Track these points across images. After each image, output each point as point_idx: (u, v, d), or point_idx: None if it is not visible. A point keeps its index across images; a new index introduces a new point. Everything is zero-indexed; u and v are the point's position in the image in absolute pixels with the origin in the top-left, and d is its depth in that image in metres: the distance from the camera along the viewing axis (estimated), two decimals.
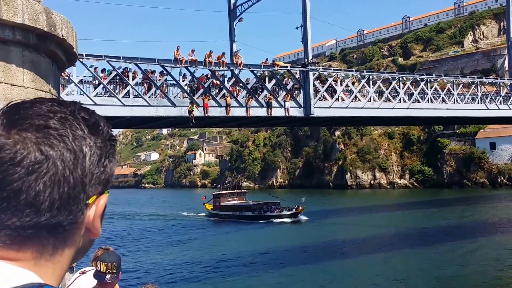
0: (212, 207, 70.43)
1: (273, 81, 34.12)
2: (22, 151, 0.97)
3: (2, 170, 0.97)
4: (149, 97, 30.38)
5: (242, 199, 71.42)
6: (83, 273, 5.58)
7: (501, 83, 45.95)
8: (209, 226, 60.45)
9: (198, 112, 30.74)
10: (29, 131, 1.00)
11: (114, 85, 29.40)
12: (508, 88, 46.40)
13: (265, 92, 33.59)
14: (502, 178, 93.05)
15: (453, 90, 42.49)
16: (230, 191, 75.05)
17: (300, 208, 59.48)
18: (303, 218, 59.10)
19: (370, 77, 38.59)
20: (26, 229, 0.99)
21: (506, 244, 37.01)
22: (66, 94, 26.39)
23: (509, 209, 57.95)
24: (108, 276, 4.90)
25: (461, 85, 43.47)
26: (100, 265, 4.90)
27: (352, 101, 37.13)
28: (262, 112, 33.48)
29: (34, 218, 0.98)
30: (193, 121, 30.76)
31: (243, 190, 79.51)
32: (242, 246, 41.97)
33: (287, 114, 34.14)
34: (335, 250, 38.43)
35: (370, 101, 38.11)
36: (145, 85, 30.69)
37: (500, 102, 44.56)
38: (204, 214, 71.60)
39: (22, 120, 1.01)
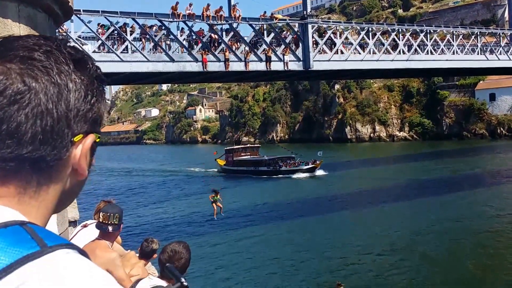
0: (224, 163, 68.75)
1: (272, 35, 33.87)
2: (5, 81, 0.97)
3: None
4: (148, 52, 30.30)
5: (255, 154, 69.36)
6: (85, 226, 5.70)
7: (501, 34, 45.54)
8: (222, 181, 59.07)
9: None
10: (13, 62, 0.99)
11: (112, 41, 29.29)
12: (508, 39, 46.00)
13: (263, 46, 33.42)
14: (501, 129, 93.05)
15: (453, 41, 42.23)
16: (243, 146, 72.76)
17: (317, 162, 58.01)
18: (320, 172, 57.69)
19: (370, 29, 38.33)
20: (8, 161, 0.98)
21: (506, 195, 37.49)
22: None
23: (508, 160, 58.37)
24: (110, 228, 4.93)
25: (460, 36, 43.13)
26: (102, 216, 4.91)
27: (351, 53, 36.95)
28: (261, 66, 33.39)
29: (16, 149, 0.97)
30: None
31: (256, 145, 77.04)
32: (256, 200, 41.74)
33: (286, 68, 34.04)
34: (353, 203, 38.41)
35: (370, 53, 37.95)
36: (143, 40, 30.58)
37: (500, 52, 44.32)
38: (216, 169, 70.13)
39: (7, 51, 1.01)
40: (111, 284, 0.95)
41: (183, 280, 2.94)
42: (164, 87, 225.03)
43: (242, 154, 68.63)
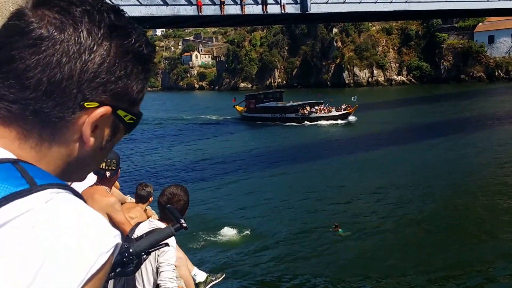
0: (244, 109, 65.10)
1: None
2: (35, 25, 0.96)
3: (11, 35, 0.97)
4: None
5: (279, 100, 64.89)
6: None
7: None
8: (245, 128, 56.45)
9: None
10: (51, 10, 0.98)
11: None
12: None
13: None
14: (499, 71, 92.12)
15: None
16: (265, 91, 68.16)
17: (351, 108, 53.93)
18: (353, 118, 54.08)
19: None
20: (10, 102, 0.97)
21: (502, 136, 37.63)
22: None
23: (505, 102, 58.21)
24: (107, 173, 5.00)
25: None
26: None
27: None
28: (257, 9, 32.86)
29: (18, 92, 0.96)
30: None
31: (279, 90, 70.43)
32: (282, 146, 40.35)
33: (283, 11, 33.50)
34: (384, 148, 36.93)
35: None
36: None
37: None
38: (234, 117, 66.49)
39: (52, 0, 0.99)
40: (102, 226, 0.92)
41: (182, 221, 2.99)
42: (159, 32, 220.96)
43: (265, 100, 64.59)
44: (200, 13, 30.80)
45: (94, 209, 0.95)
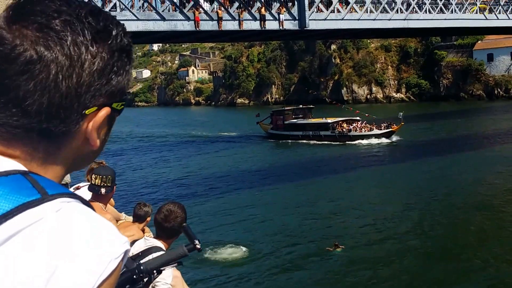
0: (270, 127, 59.89)
1: None
2: (19, 48, 0.96)
3: None
4: (137, 11, 29.39)
5: (308, 116, 59.68)
6: (78, 188, 5.66)
7: None
8: (273, 147, 52.19)
9: None
10: (30, 28, 0.97)
11: None
12: None
13: (258, 4, 32.40)
14: (498, 90, 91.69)
15: None
16: (294, 107, 62.46)
17: (395, 126, 48.91)
18: (397, 138, 49.05)
19: None
20: (14, 127, 0.98)
21: (504, 154, 37.32)
22: None
23: (505, 121, 57.89)
24: (103, 190, 4.94)
25: None
26: (94, 178, 4.94)
27: (348, 12, 36.02)
28: (255, 25, 32.53)
29: (21, 119, 0.97)
30: None
31: (309, 106, 65.18)
32: (321, 169, 37.52)
33: (281, 27, 33.21)
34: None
35: (367, 12, 37.03)
36: None
37: (499, 11, 43.36)
38: (259, 134, 61.18)
39: (26, 15, 0.98)
40: (112, 233, 0.96)
41: (196, 242, 2.98)
42: (155, 47, 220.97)
43: (293, 116, 59.14)
44: (197, 29, 30.45)
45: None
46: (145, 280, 2.71)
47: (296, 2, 33.72)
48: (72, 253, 0.90)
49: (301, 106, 63.17)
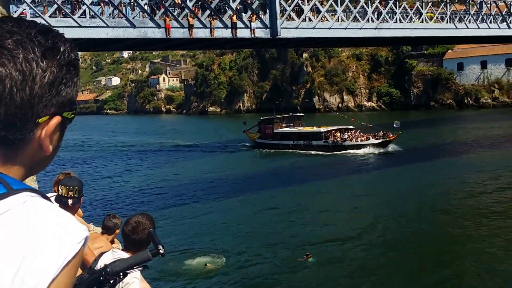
0: (257, 136, 57.70)
1: (238, 0, 32.53)
2: None
3: None
4: (107, 18, 28.88)
5: (298, 124, 57.69)
6: None
7: (470, 1, 44.98)
8: (262, 157, 50.07)
9: None
10: None
11: (69, 5, 27.78)
12: (478, 6, 45.58)
13: (229, 12, 32.12)
14: (468, 99, 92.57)
15: (422, 9, 41.58)
16: (284, 115, 60.13)
17: (391, 135, 47.30)
18: (393, 148, 47.08)
19: None
20: None
21: (473, 163, 37.68)
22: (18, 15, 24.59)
23: (475, 129, 58.59)
24: (70, 201, 4.90)
25: (430, 4, 42.54)
26: (61, 189, 4.92)
27: (319, 21, 36.00)
28: (227, 33, 32.23)
29: None
30: None
31: (298, 114, 63.41)
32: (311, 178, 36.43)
33: (253, 35, 32.96)
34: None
35: (338, 21, 37.07)
36: (102, 4, 29.07)
37: (470, 21, 43.92)
38: (246, 144, 58.95)
39: None
40: (73, 222, 1.09)
41: (160, 247, 3.10)
42: (125, 54, 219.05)
43: (283, 124, 57.24)
44: (168, 36, 30.03)
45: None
46: (111, 282, 2.80)
47: (267, 11, 33.56)
48: (40, 239, 1.02)
49: (291, 114, 61.47)
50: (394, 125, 47.26)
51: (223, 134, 69.14)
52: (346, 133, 49.99)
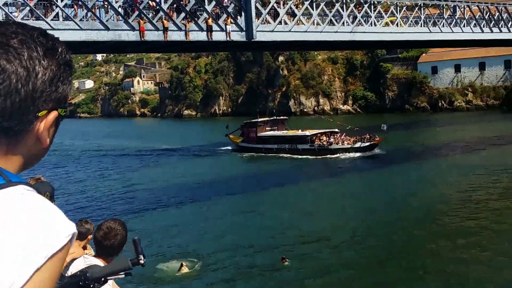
0: (240, 139, 56.73)
1: (213, 3, 32.27)
2: None
3: None
4: (80, 20, 28.36)
5: (282, 127, 56.72)
6: None
7: (444, 5, 45.40)
8: (247, 162, 49.22)
9: None
10: None
11: (42, 7, 27.26)
12: (451, 10, 46.07)
13: (204, 14, 31.84)
14: (442, 102, 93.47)
15: (397, 12, 41.81)
16: (268, 118, 58.70)
17: (377, 138, 46.96)
18: (378, 151, 46.82)
19: None
20: None
21: (446, 165, 38.04)
22: None
23: (449, 132, 59.21)
24: None
25: (404, 8, 42.80)
26: None
27: (295, 24, 35.94)
28: (202, 36, 31.94)
29: None
30: None
31: (282, 117, 61.95)
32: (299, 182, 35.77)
33: (228, 39, 32.72)
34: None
35: (314, 24, 37.08)
36: (75, 6, 28.56)
37: (443, 25, 44.32)
38: (229, 148, 57.68)
39: None
40: (64, 217, 1.20)
41: (141, 257, 3.13)
42: (99, 57, 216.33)
43: (267, 128, 55.79)
44: (142, 39, 29.62)
45: None
46: (91, 286, 2.79)
47: (243, 14, 33.38)
48: (32, 229, 1.12)
49: (275, 117, 60.24)
50: (382, 128, 46.92)
51: (203, 137, 68.30)
52: (331, 137, 49.22)
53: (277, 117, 60.17)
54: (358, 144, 46.99)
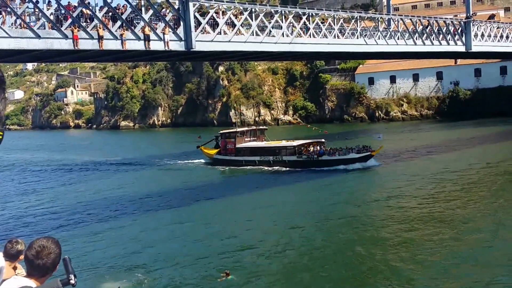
0: (215, 151, 52.88)
1: (151, 12, 31.54)
2: None
3: None
4: (9, 27, 27.03)
5: (262, 138, 53.62)
6: None
7: (379, 18, 46.48)
8: (226, 178, 45.64)
9: None
10: None
11: None
12: (386, 23, 47.17)
13: (141, 23, 31.04)
14: (379, 112, 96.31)
15: (334, 24, 42.31)
16: (247, 128, 55.75)
17: (373, 149, 44.53)
18: (373, 163, 44.23)
19: (253, 9, 37.21)
20: None
21: (386, 172, 38.60)
22: None
23: (385, 142, 60.39)
24: None
25: (341, 20, 43.36)
26: None
27: (235, 34, 35.71)
28: (139, 45, 31.10)
29: None
30: None
31: (262, 127, 58.65)
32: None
33: (166, 48, 32.05)
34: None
35: (253, 35, 36.98)
36: (3, 13, 27.15)
37: (379, 37, 45.23)
38: (202, 161, 53.87)
39: None
40: None
41: (71, 276, 3.16)
42: (30, 66, 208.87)
43: (246, 139, 52.40)
44: (76, 47, 28.50)
45: None
46: None
47: (182, 23, 32.83)
48: None
49: (254, 127, 57.47)
50: (376, 138, 45.16)
51: (165, 149, 66.91)
52: (319, 147, 46.26)
53: (257, 127, 57.50)
54: (350, 155, 44.25)
